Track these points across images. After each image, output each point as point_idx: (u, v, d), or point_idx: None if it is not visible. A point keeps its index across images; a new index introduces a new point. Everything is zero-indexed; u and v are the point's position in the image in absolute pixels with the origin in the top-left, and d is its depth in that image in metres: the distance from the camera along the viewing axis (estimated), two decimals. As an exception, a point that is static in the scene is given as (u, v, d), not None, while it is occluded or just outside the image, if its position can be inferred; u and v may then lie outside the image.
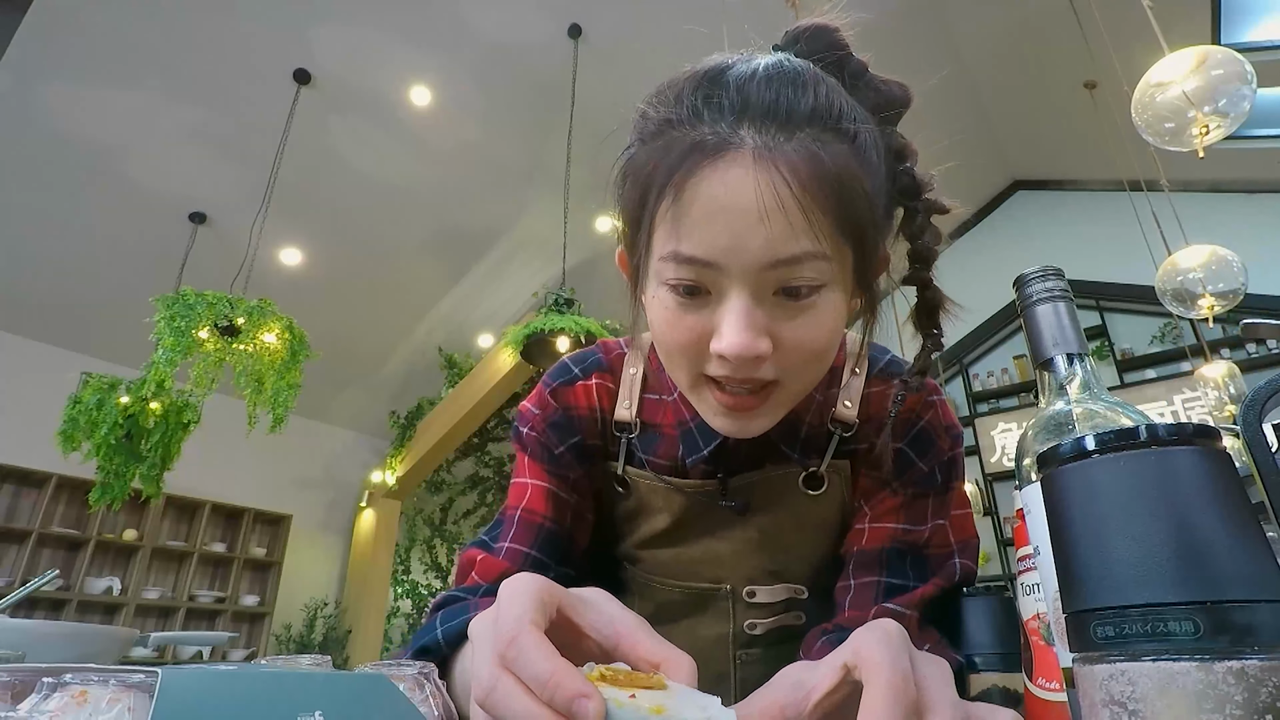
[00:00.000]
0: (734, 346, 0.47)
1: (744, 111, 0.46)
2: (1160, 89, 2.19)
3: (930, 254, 0.54)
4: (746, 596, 0.68)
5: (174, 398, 3.60)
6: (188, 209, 4.71)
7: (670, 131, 0.48)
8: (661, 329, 0.52)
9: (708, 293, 0.48)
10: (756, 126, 0.46)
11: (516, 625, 0.32)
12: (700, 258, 0.46)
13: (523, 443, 0.70)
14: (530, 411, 0.70)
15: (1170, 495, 0.29)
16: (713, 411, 0.54)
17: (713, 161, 0.45)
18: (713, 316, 0.49)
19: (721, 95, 0.47)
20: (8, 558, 4.76)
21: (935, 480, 0.65)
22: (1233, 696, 0.25)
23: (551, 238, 4.38)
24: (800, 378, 0.52)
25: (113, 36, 3.80)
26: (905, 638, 0.36)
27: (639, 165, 0.51)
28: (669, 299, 0.50)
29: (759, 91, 0.46)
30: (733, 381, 0.50)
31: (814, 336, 0.49)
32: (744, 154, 0.45)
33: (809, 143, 0.45)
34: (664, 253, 0.48)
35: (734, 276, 0.47)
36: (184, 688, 0.27)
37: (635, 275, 0.56)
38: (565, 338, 3.43)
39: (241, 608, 5.51)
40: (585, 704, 0.29)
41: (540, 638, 0.32)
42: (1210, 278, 2.85)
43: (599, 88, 4.09)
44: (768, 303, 0.48)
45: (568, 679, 0.30)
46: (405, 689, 0.37)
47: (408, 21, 4.04)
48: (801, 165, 0.45)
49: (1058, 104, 5.17)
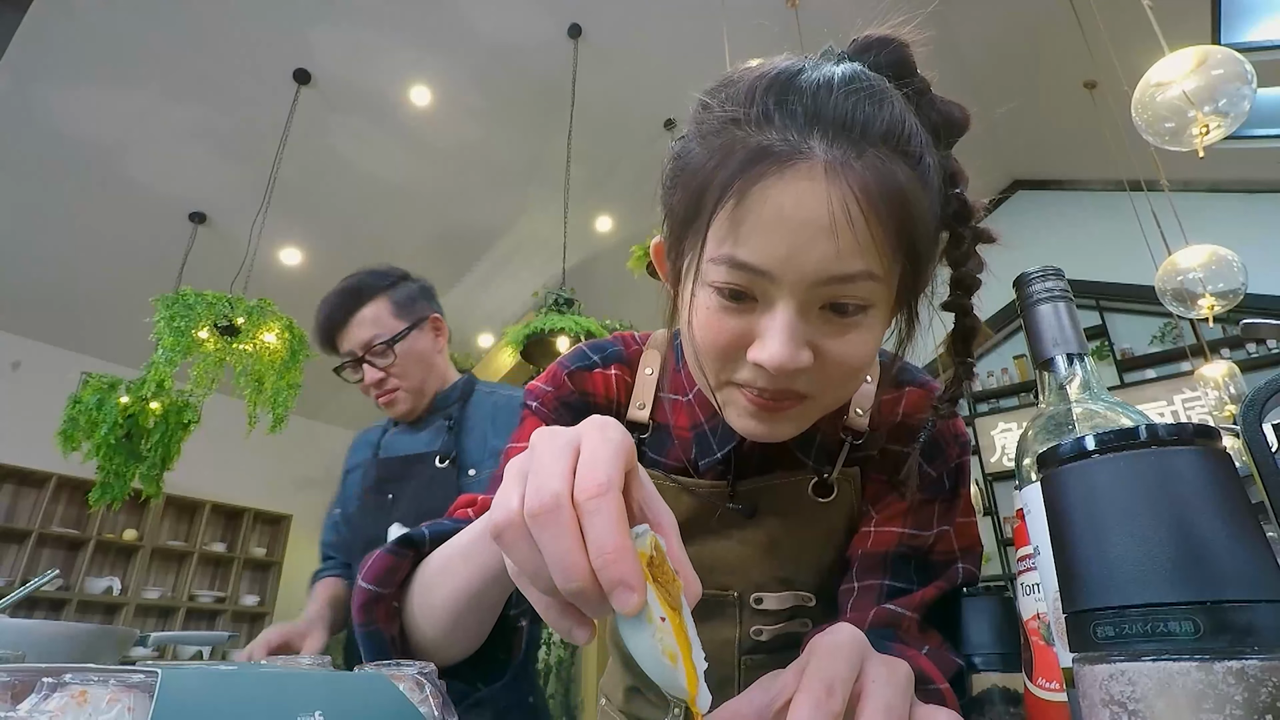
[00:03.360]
0: (775, 358, 0.46)
1: (816, 121, 0.45)
2: (1160, 89, 2.19)
3: (973, 282, 0.53)
4: (754, 603, 0.67)
5: (174, 398, 3.60)
6: (188, 209, 4.71)
7: (734, 130, 0.47)
8: (702, 329, 0.51)
9: (754, 299, 0.48)
10: (828, 138, 0.44)
11: (608, 481, 0.31)
12: (756, 265, 0.46)
13: (531, 413, 0.69)
14: (541, 389, 0.69)
15: (1170, 495, 0.29)
16: (739, 412, 0.53)
17: (780, 170, 0.44)
18: (756, 323, 0.48)
19: (795, 101, 0.46)
20: (8, 558, 4.76)
21: (943, 486, 0.65)
22: (1233, 696, 0.25)
23: (551, 238, 4.38)
24: (832, 394, 0.52)
25: (113, 36, 3.80)
26: (859, 642, 0.37)
27: (697, 162, 0.49)
28: (713, 300, 0.49)
29: (835, 102, 0.45)
30: (765, 391, 0.50)
31: (854, 355, 0.49)
32: (815, 166, 0.44)
33: (878, 161, 0.44)
34: (717, 254, 0.47)
35: (785, 287, 0.46)
36: (184, 688, 0.27)
37: (677, 272, 0.54)
38: (565, 337, 3.43)
39: (241, 608, 5.51)
40: (629, 596, 0.29)
41: (623, 506, 0.31)
42: (1210, 278, 2.85)
43: (599, 88, 4.09)
44: (813, 317, 0.48)
45: (628, 563, 0.29)
46: (405, 689, 0.37)
47: (408, 21, 4.03)
48: (872, 184, 0.44)
49: (1058, 104, 5.16)
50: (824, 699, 0.33)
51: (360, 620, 0.54)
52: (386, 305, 1.41)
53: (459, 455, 1.35)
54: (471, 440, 1.38)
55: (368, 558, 0.57)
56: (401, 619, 0.56)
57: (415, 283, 1.50)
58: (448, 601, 0.51)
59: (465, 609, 0.51)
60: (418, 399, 1.43)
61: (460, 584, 0.50)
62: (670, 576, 0.34)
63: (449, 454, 1.35)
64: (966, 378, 0.56)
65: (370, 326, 1.38)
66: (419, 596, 0.54)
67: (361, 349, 1.38)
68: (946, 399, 0.58)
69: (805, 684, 0.34)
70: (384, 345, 1.38)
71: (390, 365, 1.38)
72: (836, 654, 0.36)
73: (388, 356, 1.38)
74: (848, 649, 0.37)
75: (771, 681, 0.38)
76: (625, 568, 0.29)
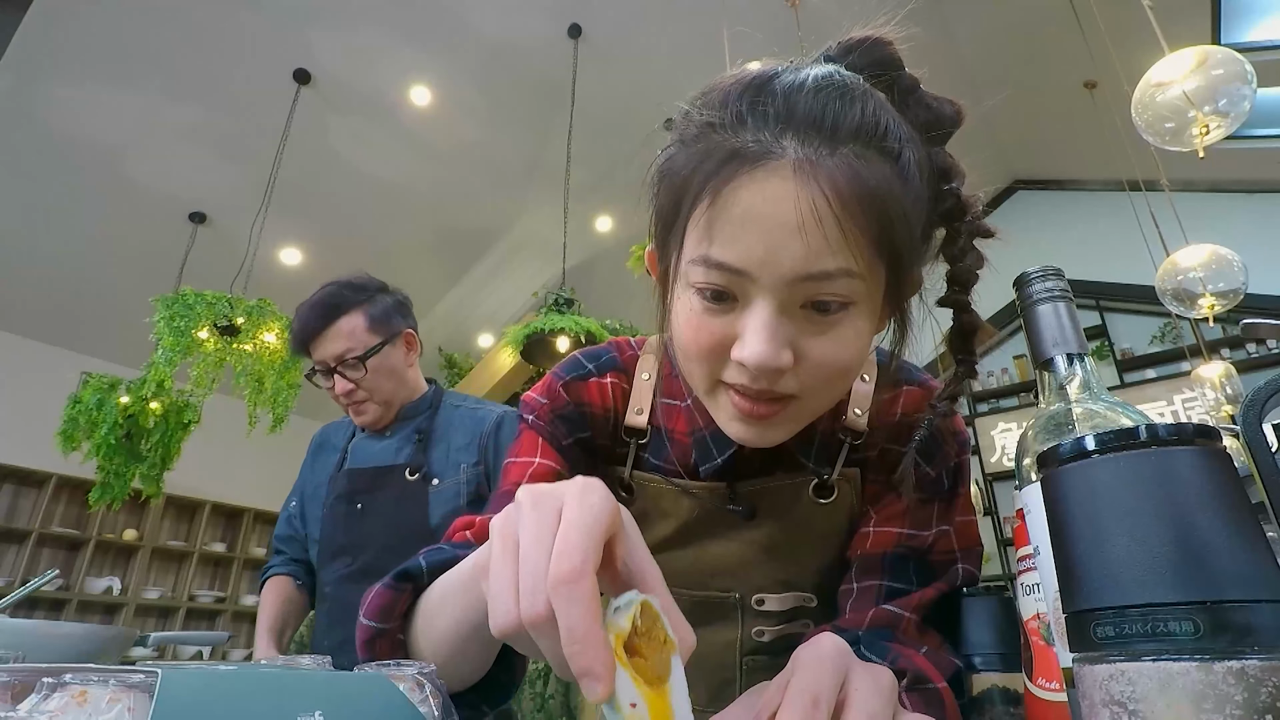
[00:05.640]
0: (756, 356, 0.46)
1: (788, 121, 0.45)
2: (1160, 89, 2.19)
3: (970, 278, 0.53)
4: (755, 605, 0.67)
5: (174, 398, 3.60)
6: (188, 209, 4.72)
7: (711, 135, 0.48)
8: (685, 331, 0.51)
9: (735, 299, 0.48)
10: (800, 138, 0.45)
11: (581, 567, 0.31)
12: (731, 264, 0.46)
13: (529, 426, 0.69)
14: (536, 401, 0.69)
15: (1170, 495, 0.29)
16: (729, 417, 0.53)
17: (751, 170, 0.45)
18: (737, 323, 0.48)
19: (767, 103, 0.46)
20: (8, 558, 4.77)
21: (942, 486, 0.64)
22: (1233, 696, 0.25)
23: (551, 238, 4.38)
24: (821, 395, 0.52)
25: (113, 36, 3.80)
26: (843, 652, 0.38)
27: (677, 167, 0.50)
28: (695, 302, 0.49)
29: (806, 102, 0.46)
30: (750, 390, 0.50)
31: (837, 354, 0.49)
32: (784, 165, 0.44)
33: (851, 159, 0.45)
34: (695, 256, 0.48)
35: (763, 286, 0.46)
36: (184, 688, 0.27)
37: (664, 276, 0.55)
38: (565, 338, 3.43)
39: (241, 608, 5.51)
40: (595, 686, 0.30)
41: (595, 592, 0.32)
42: (1210, 277, 2.84)
43: (599, 88, 4.09)
44: (794, 316, 0.48)
45: (594, 654, 0.30)
46: (405, 689, 0.37)
47: (408, 21, 4.04)
48: (842, 181, 0.44)
49: (1058, 104, 5.17)
50: (809, 711, 0.34)
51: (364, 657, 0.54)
52: (361, 320, 1.43)
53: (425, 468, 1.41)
54: (437, 452, 1.43)
55: (368, 592, 0.56)
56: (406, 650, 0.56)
57: (392, 295, 1.51)
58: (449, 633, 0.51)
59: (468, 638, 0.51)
60: (385, 410, 1.46)
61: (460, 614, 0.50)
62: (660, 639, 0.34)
63: (419, 468, 1.40)
64: (969, 376, 0.55)
65: (344, 340, 1.40)
66: (422, 626, 0.54)
67: (334, 361, 1.41)
68: (946, 396, 0.57)
69: (790, 697, 0.35)
70: (356, 360, 1.40)
71: (361, 378, 1.41)
72: (820, 665, 0.36)
73: (359, 370, 1.41)
74: (831, 660, 0.37)
75: (757, 695, 0.38)
76: (591, 658, 0.30)
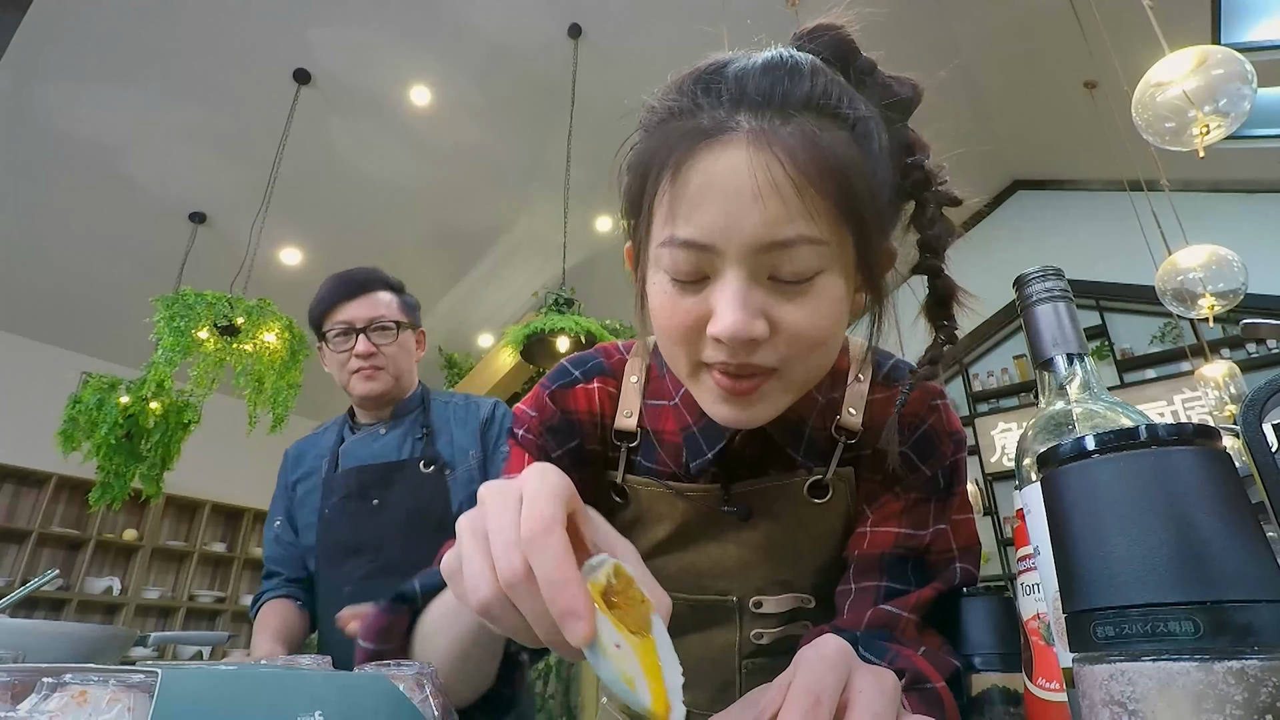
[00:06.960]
0: (729, 327, 0.46)
1: (741, 99, 0.47)
2: (1160, 89, 2.19)
3: (941, 242, 0.53)
4: (753, 607, 0.67)
5: (174, 398, 3.60)
6: (188, 209, 4.71)
7: (671, 121, 0.49)
8: (660, 315, 0.51)
9: (705, 277, 0.49)
10: (754, 113, 0.46)
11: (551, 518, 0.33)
12: (696, 240, 0.47)
13: (519, 442, 0.69)
14: (526, 414, 0.69)
15: (1170, 495, 0.29)
16: (712, 399, 0.53)
17: (708, 144, 0.46)
18: (709, 299, 0.48)
19: (720, 85, 0.48)
20: (8, 558, 4.77)
21: (938, 485, 0.64)
22: (1233, 696, 0.25)
23: (551, 238, 4.38)
24: (800, 366, 0.51)
25: (113, 36, 3.80)
26: (845, 653, 0.38)
27: (640, 155, 0.52)
28: (667, 284, 0.50)
29: (755, 80, 0.47)
30: (730, 366, 0.50)
31: (812, 322, 0.49)
32: (739, 137, 0.45)
33: (805, 126, 0.46)
34: (662, 238, 0.48)
35: (729, 258, 0.47)
36: (184, 688, 0.27)
37: (637, 265, 0.55)
38: (565, 338, 3.43)
39: (241, 607, 5.50)
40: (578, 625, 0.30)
41: (566, 540, 0.32)
42: (1210, 277, 2.84)
43: (599, 88, 4.09)
44: (764, 286, 0.48)
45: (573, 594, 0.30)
46: (405, 689, 0.37)
47: (408, 21, 4.04)
48: (798, 148, 0.45)
49: (1058, 104, 5.17)
50: (811, 711, 0.34)
51: None
52: (396, 300, 1.53)
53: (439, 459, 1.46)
54: (440, 444, 1.49)
55: (365, 616, 0.57)
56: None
57: (412, 297, 1.61)
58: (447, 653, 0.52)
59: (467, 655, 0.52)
60: (393, 386, 1.50)
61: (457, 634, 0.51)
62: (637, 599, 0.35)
63: (434, 460, 1.45)
64: (949, 341, 0.54)
65: (381, 307, 1.49)
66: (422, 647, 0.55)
67: (365, 322, 1.46)
68: (927, 360, 0.56)
69: (792, 697, 0.35)
70: (391, 324, 1.48)
71: (386, 345, 1.48)
72: (823, 666, 0.36)
73: (390, 335, 1.48)
74: (834, 660, 0.37)
75: (759, 696, 0.38)
76: (570, 598, 0.30)
